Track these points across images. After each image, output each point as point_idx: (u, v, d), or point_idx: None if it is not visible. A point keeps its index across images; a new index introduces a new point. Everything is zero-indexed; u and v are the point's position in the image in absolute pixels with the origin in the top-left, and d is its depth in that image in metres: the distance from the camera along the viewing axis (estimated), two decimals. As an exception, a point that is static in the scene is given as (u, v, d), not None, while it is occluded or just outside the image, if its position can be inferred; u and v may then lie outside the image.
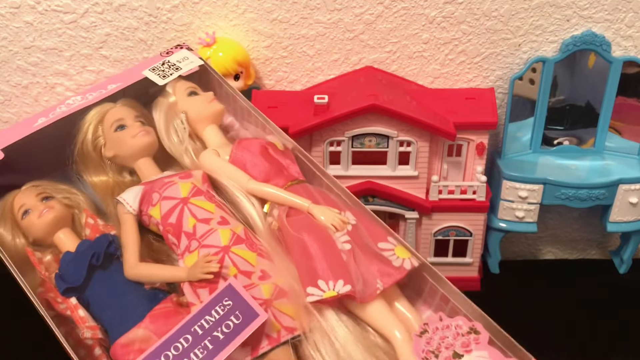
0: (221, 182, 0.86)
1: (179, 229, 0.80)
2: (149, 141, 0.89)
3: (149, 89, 0.94)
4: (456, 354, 0.73)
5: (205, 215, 0.81)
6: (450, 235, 1.06)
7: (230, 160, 0.87)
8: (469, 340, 0.74)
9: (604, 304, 1.08)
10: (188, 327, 0.71)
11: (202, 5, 1.02)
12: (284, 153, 0.88)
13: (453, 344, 0.74)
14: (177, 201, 0.82)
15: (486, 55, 1.06)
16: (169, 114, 0.92)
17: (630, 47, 1.05)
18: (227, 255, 0.77)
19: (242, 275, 0.76)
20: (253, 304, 0.72)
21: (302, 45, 1.05)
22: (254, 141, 0.89)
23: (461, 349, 0.73)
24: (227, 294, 0.73)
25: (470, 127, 1.00)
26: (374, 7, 1.02)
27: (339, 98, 0.99)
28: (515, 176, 1.05)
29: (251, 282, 0.76)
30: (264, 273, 0.78)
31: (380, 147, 1.00)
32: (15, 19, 1.03)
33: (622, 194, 1.05)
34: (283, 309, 0.76)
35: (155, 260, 0.83)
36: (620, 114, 1.08)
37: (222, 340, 0.70)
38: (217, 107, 0.92)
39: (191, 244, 0.79)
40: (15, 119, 1.11)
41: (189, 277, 0.76)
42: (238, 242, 0.79)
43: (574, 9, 1.02)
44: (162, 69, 0.94)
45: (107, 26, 1.03)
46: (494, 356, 0.74)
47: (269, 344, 0.73)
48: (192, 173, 0.86)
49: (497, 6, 1.02)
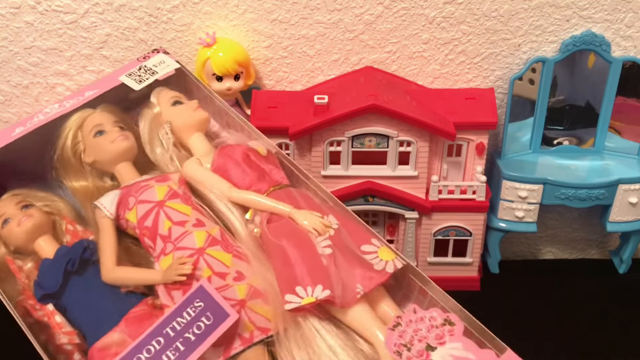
0: (203, 191, 0.86)
1: (155, 232, 0.82)
2: (128, 146, 0.89)
3: (129, 94, 0.95)
4: (429, 346, 0.72)
5: (180, 217, 0.82)
6: (450, 235, 1.06)
7: (212, 169, 0.87)
8: (443, 332, 0.74)
9: (604, 304, 1.09)
10: (160, 329, 0.72)
11: (202, 6, 1.02)
12: (266, 158, 0.89)
13: (427, 337, 0.73)
14: (153, 204, 0.83)
15: (486, 55, 1.06)
16: (154, 125, 0.92)
17: (629, 47, 1.05)
18: (202, 257, 0.78)
19: (217, 276, 0.77)
20: (224, 304, 0.73)
21: (302, 46, 1.05)
22: (236, 148, 0.89)
23: (435, 341, 0.73)
24: (198, 296, 0.74)
25: (470, 127, 1.00)
26: (374, 7, 1.02)
27: (339, 98, 0.99)
28: (515, 176, 1.05)
29: (225, 283, 0.77)
30: (239, 274, 0.79)
31: (380, 147, 1.00)
32: (15, 19, 1.03)
33: (622, 193, 1.05)
34: (257, 310, 0.77)
35: (134, 264, 0.84)
36: (620, 114, 1.08)
37: (194, 341, 0.71)
38: (202, 115, 0.93)
39: (166, 247, 0.80)
40: (15, 119, 1.11)
41: (163, 279, 0.77)
42: (213, 243, 0.80)
43: (573, 9, 1.02)
44: (138, 74, 0.95)
45: (108, 26, 1.03)
46: (468, 347, 0.73)
47: (241, 344, 0.74)
48: (169, 176, 0.87)
49: (497, 6, 1.02)
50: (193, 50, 1.05)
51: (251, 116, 1.01)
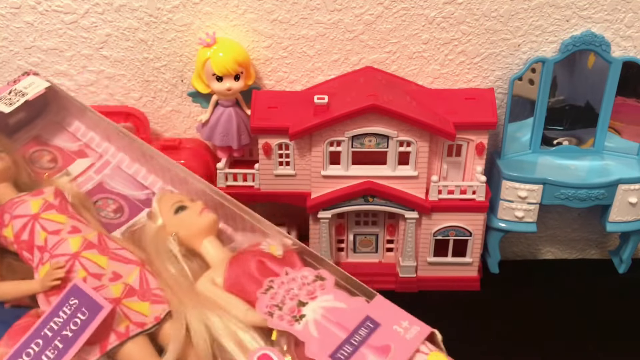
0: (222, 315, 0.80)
1: (32, 244, 0.83)
2: (2, 167, 0.90)
3: (9, 119, 0.97)
4: (300, 302, 0.74)
5: (55, 227, 0.84)
6: (449, 235, 1.06)
7: (225, 287, 0.82)
8: (315, 287, 0.76)
9: (603, 304, 1.09)
10: (38, 332, 0.74)
11: (202, 6, 1.02)
12: (284, 260, 0.83)
13: (298, 294, 0.75)
14: (28, 218, 0.84)
15: (486, 55, 1.06)
16: (159, 241, 0.87)
17: (629, 47, 1.05)
18: (77, 261, 0.81)
19: (92, 277, 0.80)
20: (97, 297, 0.75)
21: (302, 46, 1.05)
22: (249, 258, 0.83)
23: (306, 297, 0.75)
24: (72, 294, 0.76)
25: (470, 127, 1.00)
26: (374, 7, 1.02)
27: (339, 98, 0.99)
28: (514, 176, 1.05)
29: (101, 283, 0.80)
30: (115, 274, 0.81)
31: (380, 147, 1.00)
32: (15, 19, 1.03)
33: (622, 193, 1.05)
34: (133, 307, 0.80)
35: (19, 280, 0.85)
36: (620, 114, 1.08)
37: (71, 337, 0.73)
38: (209, 218, 0.88)
39: (43, 257, 0.82)
40: (15, 119, 1.12)
41: (42, 287, 0.79)
42: (89, 247, 0.82)
43: (573, 10, 1.02)
44: (8, 98, 0.95)
45: (108, 26, 1.04)
46: (339, 297, 0.75)
47: (117, 339, 0.77)
48: (43, 190, 0.88)
49: (497, 6, 1.02)
50: (193, 50, 1.05)
51: (251, 116, 1.01)
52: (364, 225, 1.12)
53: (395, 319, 0.74)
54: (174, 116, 1.12)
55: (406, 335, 0.72)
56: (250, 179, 1.05)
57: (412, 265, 1.10)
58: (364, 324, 0.73)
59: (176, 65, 1.07)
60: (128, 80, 1.09)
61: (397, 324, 0.73)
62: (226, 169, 1.06)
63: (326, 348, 0.70)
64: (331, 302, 0.74)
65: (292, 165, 1.03)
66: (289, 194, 1.05)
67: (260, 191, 1.05)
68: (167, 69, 1.08)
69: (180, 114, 1.12)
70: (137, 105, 1.11)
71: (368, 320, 0.73)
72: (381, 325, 0.73)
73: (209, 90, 1.03)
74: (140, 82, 1.09)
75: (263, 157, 1.02)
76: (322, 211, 1.04)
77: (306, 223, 1.07)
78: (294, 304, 0.74)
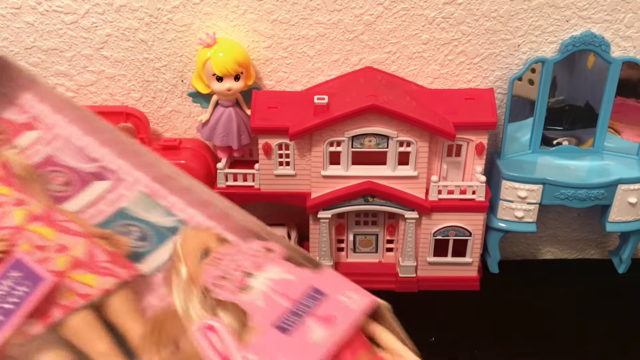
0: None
1: None
2: None
3: None
4: (247, 274, 0.74)
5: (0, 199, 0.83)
6: (449, 235, 1.07)
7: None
8: (263, 259, 0.76)
9: (603, 304, 1.09)
10: None
11: (202, 6, 1.02)
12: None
13: (245, 266, 0.75)
14: None
15: (485, 55, 1.06)
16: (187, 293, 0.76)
17: (629, 48, 1.05)
18: (22, 233, 0.80)
19: (37, 249, 0.79)
20: (38, 270, 0.76)
21: (302, 46, 1.06)
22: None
23: (253, 269, 0.75)
24: (16, 267, 0.76)
25: (469, 127, 1.00)
26: (374, 7, 1.02)
27: (339, 98, 0.99)
28: (514, 176, 1.05)
29: (46, 255, 0.79)
30: (61, 247, 0.81)
31: (380, 147, 1.00)
32: (16, 19, 1.03)
33: (621, 193, 1.05)
34: (78, 278, 0.79)
35: None
36: (619, 114, 1.08)
37: (12, 310, 0.73)
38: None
39: None
40: (16, 119, 1.12)
41: None
42: (34, 220, 0.82)
43: (573, 10, 1.02)
44: None
45: (108, 27, 1.04)
46: (287, 269, 0.76)
47: (61, 313, 0.76)
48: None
49: (497, 7, 1.02)
50: (193, 50, 1.05)
51: (251, 116, 1.01)
52: (364, 225, 1.12)
53: (341, 289, 0.74)
54: (174, 116, 1.12)
55: (351, 305, 0.72)
56: (250, 179, 1.05)
57: (412, 265, 1.10)
58: (310, 294, 0.73)
59: (176, 65, 1.07)
60: (128, 81, 1.09)
61: (342, 294, 0.73)
62: (226, 169, 1.06)
63: (271, 318, 0.70)
64: (279, 274, 0.75)
65: (292, 165, 1.03)
66: (289, 194, 1.05)
67: (260, 191, 1.06)
68: (167, 69, 1.08)
69: (180, 114, 1.12)
70: (137, 106, 1.11)
71: (314, 291, 0.74)
72: (327, 295, 0.73)
73: (209, 91, 1.04)
74: (140, 82, 1.09)
75: (263, 157, 1.02)
76: (322, 211, 1.04)
77: (306, 223, 1.07)
78: (241, 275, 0.74)
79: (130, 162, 0.96)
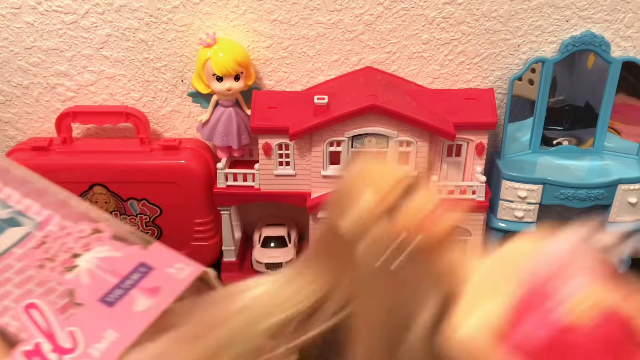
0: None
1: None
2: None
3: None
4: (74, 254, 0.75)
5: None
6: (449, 235, 1.06)
7: None
8: (91, 240, 0.77)
9: (603, 304, 1.08)
10: None
11: (202, 6, 1.02)
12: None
13: (73, 247, 0.76)
14: None
15: (485, 55, 1.06)
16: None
17: (629, 48, 1.05)
18: None
19: None
20: None
21: (302, 46, 1.06)
22: None
23: (81, 249, 0.75)
24: None
25: (469, 127, 1.00)
26: (374, 7, 1.02)
27: (339, 98, 0.99)
28: (514, 176, 1.06)
29: None
30: None
31: (380, 147, 1.00)
32: (16, 19, 1.03)
33: (621, 194, 1.06)
34: None
35: None
36: (620, 114, 1.08)
37: None
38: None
39: None
40: (16, 119, 1.12)
41: None
42: None
43: (573, 10, 1.02)
44: None
45: (108, 27, 1.04)
46: (115, 248, 0.76)
47: None
48: None
49: (497, 7, 1.02)
50: (193, 50, 1.05)
51: (251, 116, 1.01)
52: (364, 225, 1.12)
53: (170, 262, 0.75)
54: (174, 116, 1.12)
55: (178, 275, 0.73)
56: (250, 179, 1.05)
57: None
58: (137, 269, 0.74)
59: (176, 65, 1.07)
60: (128, 81, 1.09)
61: (170, 267, 0.74)
62: (226, 169, 1.06)
63: (95, 293, 0.71)
64: (106, 253, 0.76)
65: (292, 165, 1.03)
66: (289, 194, 1.05)
67: (260, 191, 1.06)
68: (167, 69, 1.08)
69: (180, 114, 1.12)
70: (137, 106, 1.11)
71: (141, 266, 0.75)
72: (155, 269, 0.74)
73: (209, 91, 1.04)
74: (140, 82, 1.09)
75: (263, 157, 1.02)
76: (322, 211, 1.04)
77: (306, 223, 1.07)
78: (68, 256, 0.75)
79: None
